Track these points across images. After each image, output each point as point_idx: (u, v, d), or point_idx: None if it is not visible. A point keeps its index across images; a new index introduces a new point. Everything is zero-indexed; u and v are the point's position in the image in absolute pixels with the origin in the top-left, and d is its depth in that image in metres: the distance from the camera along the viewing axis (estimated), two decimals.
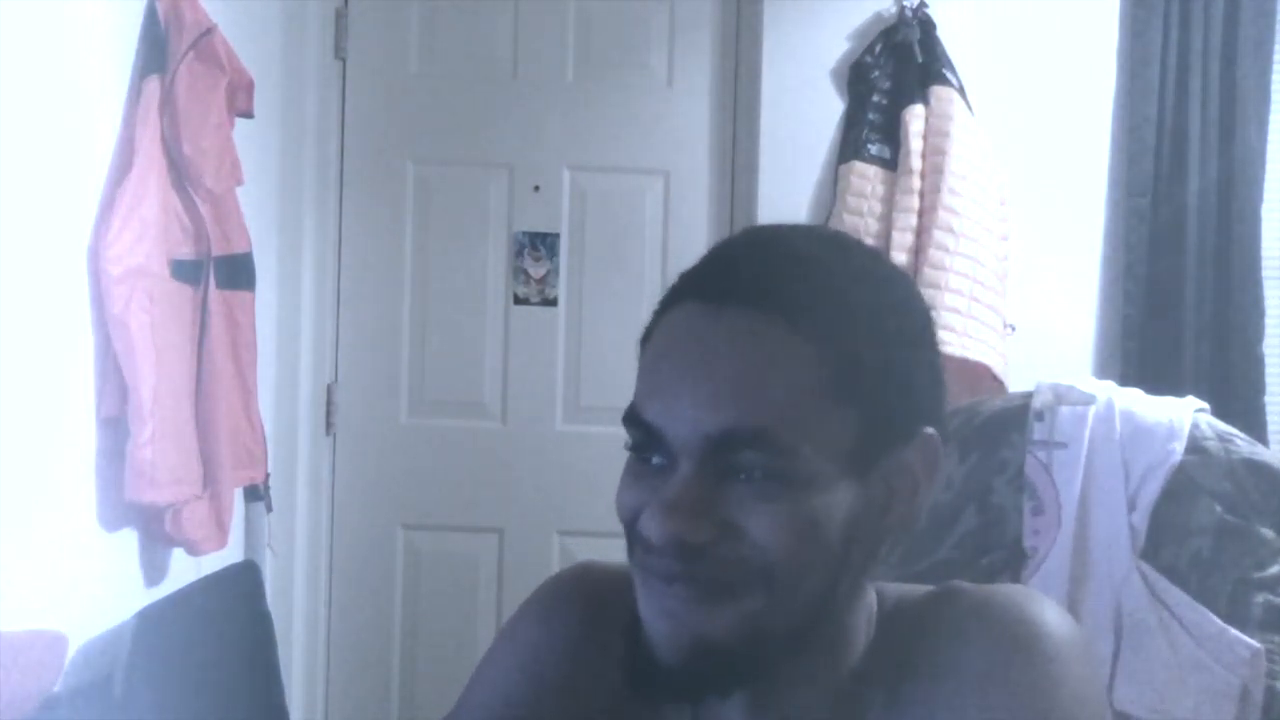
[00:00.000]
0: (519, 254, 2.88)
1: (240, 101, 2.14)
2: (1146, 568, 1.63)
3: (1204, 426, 1.69)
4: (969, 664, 0.77)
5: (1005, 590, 0.82)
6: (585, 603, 0.90)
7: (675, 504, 0.72)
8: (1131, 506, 1.65)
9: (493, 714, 0.90)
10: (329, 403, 2.87)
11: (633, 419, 0.76)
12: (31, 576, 1.68)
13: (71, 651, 1.72)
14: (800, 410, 0.72)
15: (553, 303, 2.88)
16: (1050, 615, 0.79)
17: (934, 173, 2.60)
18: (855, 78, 2.75)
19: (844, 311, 0.75)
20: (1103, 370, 2.72)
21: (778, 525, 0.72)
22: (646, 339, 0.79)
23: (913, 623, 0.81)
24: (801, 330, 0.73)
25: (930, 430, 0.79)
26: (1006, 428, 1.74)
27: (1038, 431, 1.71)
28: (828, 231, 0.84)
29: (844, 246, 0.81)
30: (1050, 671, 0.75)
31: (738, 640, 0.74)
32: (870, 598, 0.83)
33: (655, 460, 0.75)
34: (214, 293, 2.06)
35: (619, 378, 3.32)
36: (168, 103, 1.92)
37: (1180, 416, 1.69)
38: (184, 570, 2.11)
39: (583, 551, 2.83)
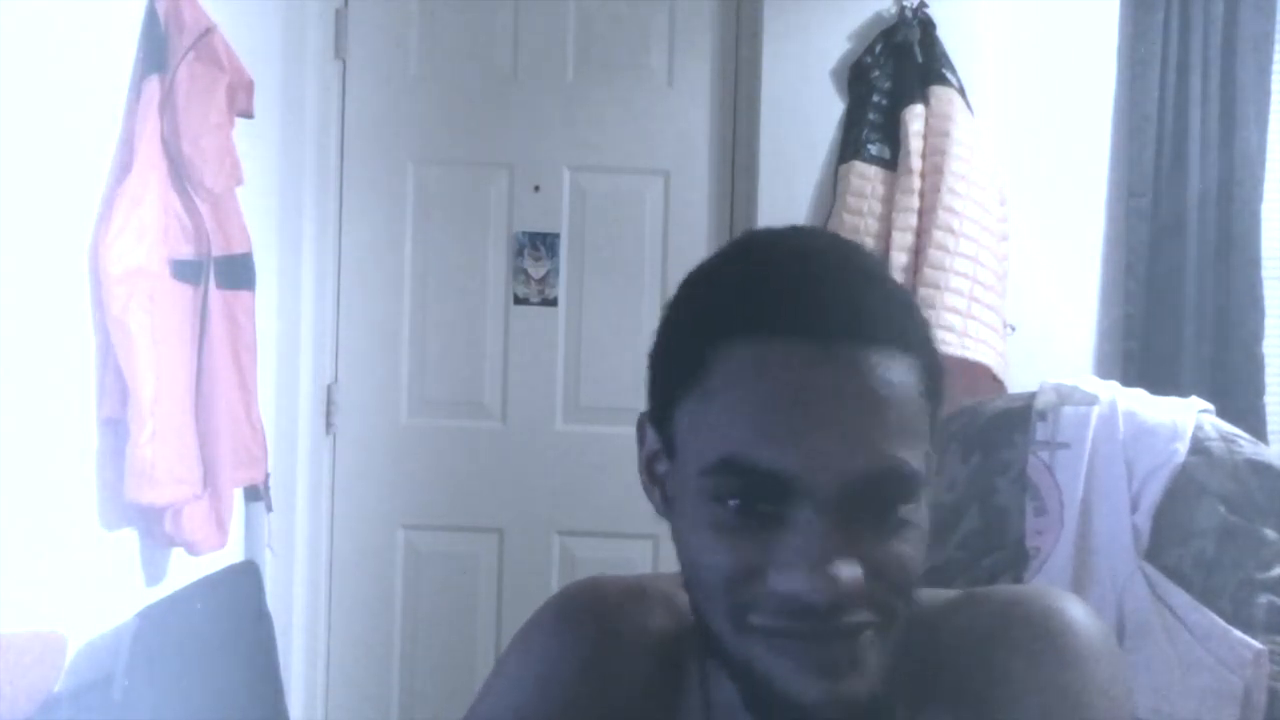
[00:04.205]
0: (519, 254, 2.88)
1: (240, 101, 2.14)
2: (1149, 568, 1.63)
3: (1207, 427, 1.68)
4: (1000, 668, 0.76)
5: (1031, 591, 0.82)
6: (598, 617, 0.88)
7: (826, 556, 0.68)
8: (1134, 507, 1.65)
9: None
10: (329, 403, 2.86)
11: (740, 469, 0.70)
12: (31, 576, 1.67)
13: (71, 651, 1.72)
14: (916, 432, 0.72)
15: (553, 303, 2.88)
16: (1079, 614, 0.78)
17: (934, 173, 2.60)
18: (855, 78, 2.75)
19: (917, 317, 0.75)
20: (1102, 370, 2.72)
21: (910, 550, 0.72)
22: (692, 372, 0.73)
23: (938, 627, 0.80)
24: (904, 351, 0.72)
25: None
26: (1009, 428, 1.74)
27: (1040, 432, 1.71)
28: (828, 233, 0.82)
29: (857, 246, 0.80)
30: (1082, 672, 0.75)
31: (888, 673, 0.73)
32: None
33: (759, 510, 0.70)
34: (214, 293, 2.06)
35: (619, 378, 3.31)
36: (168, 102, 1.92)
37: (1184, 417, 1.69)
38: (184, 570, 2.11)
39: (582, 551, 2.83)
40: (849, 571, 0.68)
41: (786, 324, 0.70)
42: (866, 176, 2.67)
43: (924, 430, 0.73)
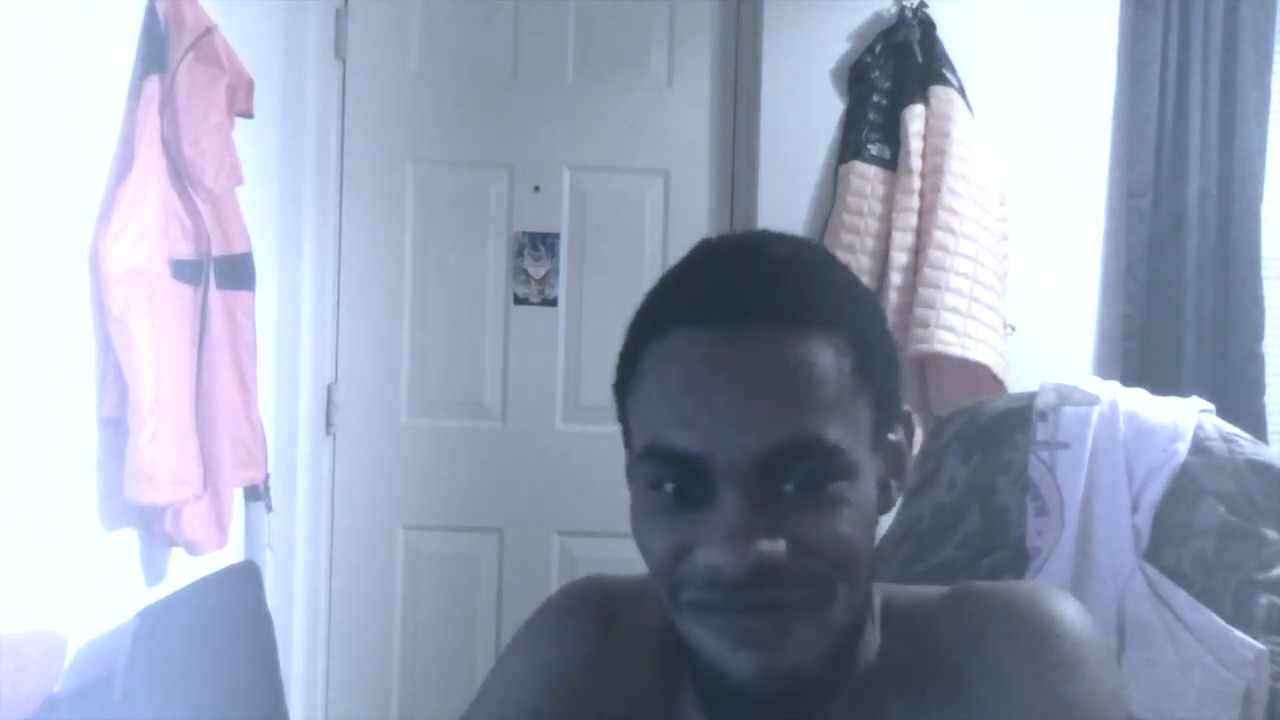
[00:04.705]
0: (519, 254, 2.88)
1: (240, 101, 2.14)
2: (1150, 569, 1.63)
3: (1208, 427, 1.68)
4: (992, 665, 0.77)
5: (1023, 588, 0.82)
6: (598, 614, 0.90)
7: (743, 529, 0.70)
8: (1135, 507, 1.65)
9: None
10: (329, 403, 2.86)
11: (661, 454, 0.73)
12: (31, 576, 1.67)
13: (71, 651, 1.72)
14: (839, 408, 0.72)
15: (553, 303, 2.88)
16: (1070, 611, 0.79)
17: (934, 173, 2.60)
18: (855, 78, 2.75)
19: (846, 301, 0.77)
20: (1103, 370, 2.72)
21: (843, 528, 0.72)
22: (631, 371, 0.78)
23: (928, 624, 0.81)
24: (823, 330, 0.73)
25: (907, 406, 0.81)
26: (1010, 428, 1.74)
27: (1041, 432, 1.71)
28: (780, 232, 0.82)
29: (804, 241, 0.81)
30: (1074, 669, 0.76)
31: (826, 653, 0.73)
32: (874, 596, 0.83)
33: (690, 493, 0.73)
34: (214, 293, 2.06)
35: None
36: (168, 103, 1.92)
37: (1184, 417, 1.69)
38: (184, 570, 2.11)
39: (582, 551, 2.83)
40: (768, 546, 0.70)
41: (698, 313, 0.74)
42: (866, 176, 2.67)
43: (854, 409, 0.74)
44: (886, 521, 1.97)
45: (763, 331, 0.72)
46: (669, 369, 0.74)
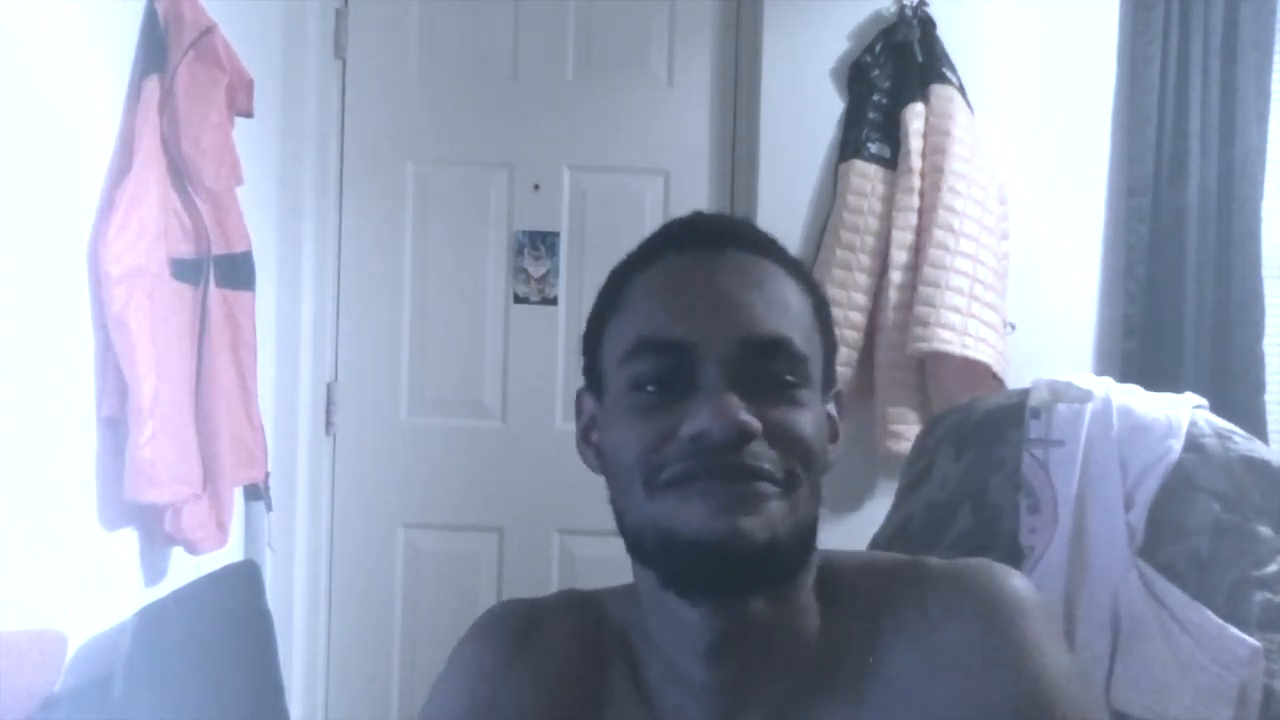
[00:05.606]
0: (519, 253, 2.88)
1: (240, 101, 2.15)
2: (1144, 566, 1.63)
3: (1202, 424, 1.68)
4: (944, 637, 0.80)
5: (973, 563, 0.86)
6: (517, 633, 0.93)
7: (728, 398, 0.77)
8: (1129, 504, 1.65)
9: None
10: (329, 402, 2.87)
11: (650, 345, 0.81)
12: (31, 576, 1.68)
13: (71, 651, 1.73)
14: (803, 330, 0.83)
15: (553, 302, 2.88)
16: (1020, 585, 0.83)
17: (934, 172, 2.60)
18: (855, 77, 2.75)
19: (803, 265, 0.88)
20: (1102, 369, 2.71)
21: (806, 427, 0.80)
22: (611, 304, 0.86)
23: (875, 593, 0.84)
24: (789, 271, 0.85)
25: (839, 389, 0.89)
26: (1003, 425, 1.74)
27: (1034, 429, 1.71)
28: None
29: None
30: (1026, 643, 0.78)
31: (794, 536, 0.79)
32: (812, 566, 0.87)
33: (672, 389, 0.79)
34: (214, 292, 2.06)
35: None
36: (168, 102, 1.93)
37: (1178, 413, 1.69)
38: (184, 570, 2.11)
39: (582, 550, 2.83)
40: (747, 415, 0.77)
41: (683, 241, 0.85)
42: (867, 175, 2.67)
43: (812, 341, 0.83)
44: (878, 521, 1.97)
45: (741, 258, 0.83)
46: (658, 282, 0.84)
